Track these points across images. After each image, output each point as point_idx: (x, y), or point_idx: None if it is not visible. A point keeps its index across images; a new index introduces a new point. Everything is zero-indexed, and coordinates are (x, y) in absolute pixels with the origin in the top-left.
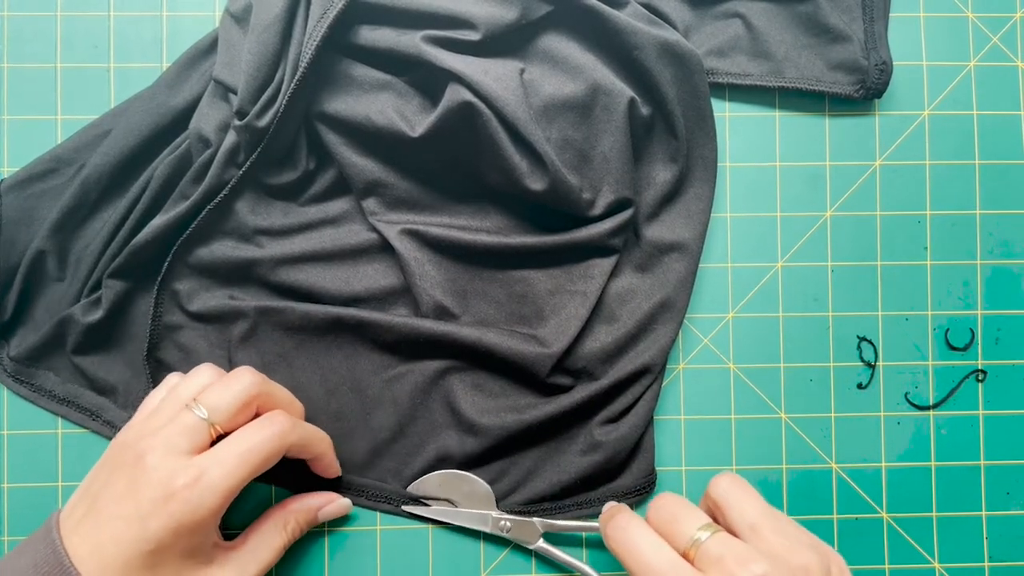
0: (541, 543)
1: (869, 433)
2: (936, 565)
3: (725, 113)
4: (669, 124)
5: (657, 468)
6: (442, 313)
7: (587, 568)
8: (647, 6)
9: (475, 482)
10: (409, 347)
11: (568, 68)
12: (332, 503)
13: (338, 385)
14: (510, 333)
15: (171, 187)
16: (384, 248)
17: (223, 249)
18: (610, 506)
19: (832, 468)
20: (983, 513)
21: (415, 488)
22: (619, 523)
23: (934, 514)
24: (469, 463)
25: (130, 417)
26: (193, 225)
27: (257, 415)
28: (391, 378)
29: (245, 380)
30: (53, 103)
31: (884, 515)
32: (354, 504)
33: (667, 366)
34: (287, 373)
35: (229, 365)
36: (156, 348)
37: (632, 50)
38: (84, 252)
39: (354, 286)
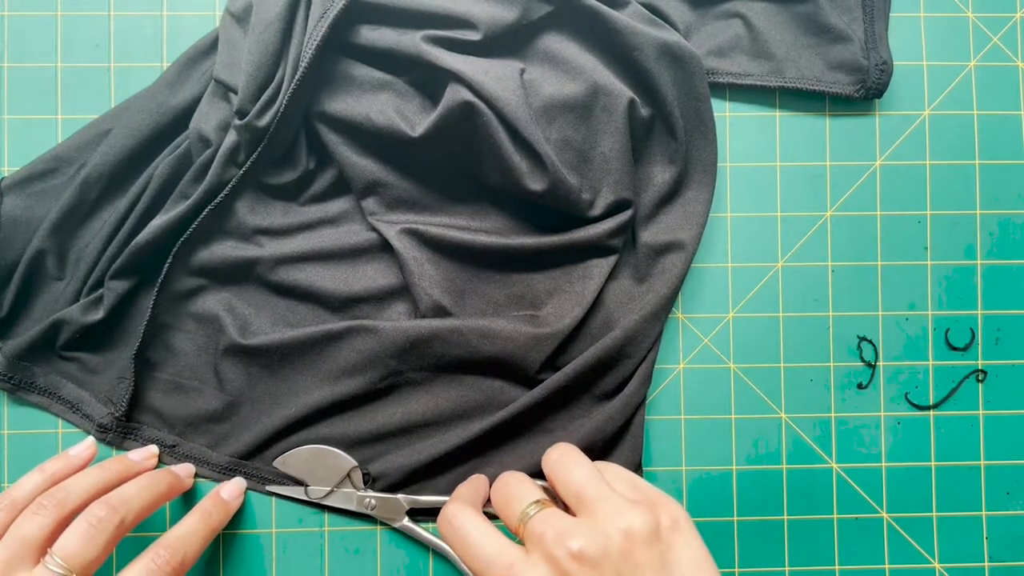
0: (406, 521)
1: (869, 433)
2: (936, 565)
3: (725, 113)
4: (668, 125)
5: (657, 468)
6: (440, 312)
7: (447, 546)
8: (647, 6)
9: (341, 457)
10: (397, 354)
11: (568, 69)
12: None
13: (322, 397)
14: (508, 317)
15: (171, 187)
16: (383, 248)
17: (223, 249)
18: (473, 478)
19: (832, 468)
20: (983, 513)
21: (282, 464)
22: (446, 515)
23: (934, 514)
24: (445, 462)
25: (108, 413)
26: (193, 226)
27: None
28: (376, 390)
29: (110, 524)
30: (53, 103)
31: (884, 515)
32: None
33: (667, 366)
34: (270, 383)
35: (215, 372)
36: (146, 348)
37: (632, 51)
38: (84, 251)
39: (353, 286)
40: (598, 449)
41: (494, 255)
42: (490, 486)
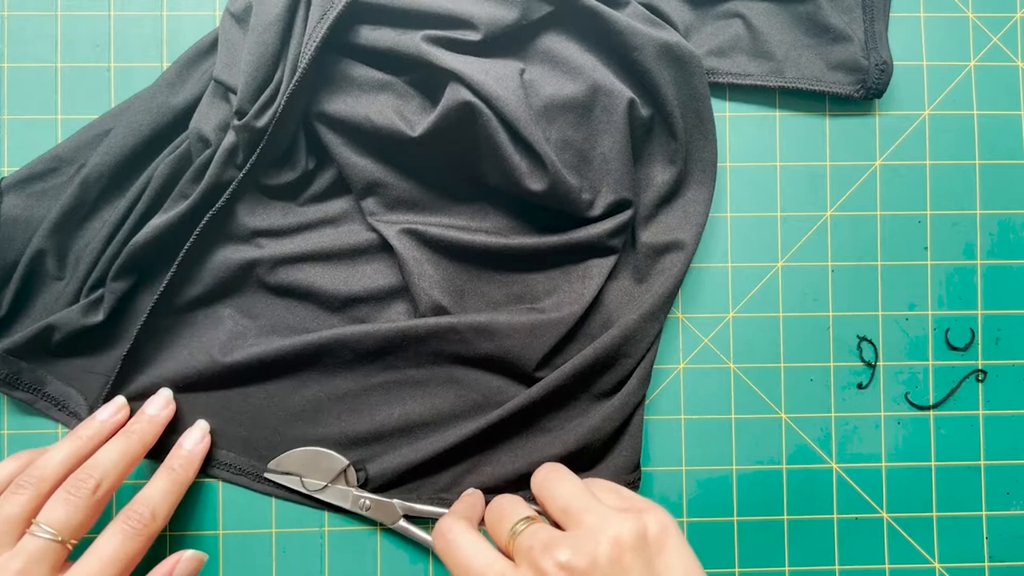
0: (402, 523)
1: (869, 433)
2: (936, 565)
3: (725, 113)
4: (668, 125)
5: (657, 468)
6: (440, 312)
7: None
8: (647, 6)
9: (335, 459)
10: (393, 352)
11: (568, 69)
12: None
13: (316, 393)
14: (506, 311)
15: (171, 187)
16: (383, 248)
17: (222, 251)
18: (468, 494)
19: (832, 468)
20: (983, 513)
21: (276, 466)
22: (440, 529)
23: (934, 514)
24: (443, 460)
25: (92, 411)
26: (196, 234)
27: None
28: (371, 387)
29: (87, 490)
30: (53, 103)
31: (884, 515)
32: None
33: (667, 366)
34: (262, 383)
35: (207, 374)
36: (139, 350)
37: (632, 51)
38: (84, 251)
39: (353, 286)
40: (596, 449)
41: (494, 255)
42: (486, 493)
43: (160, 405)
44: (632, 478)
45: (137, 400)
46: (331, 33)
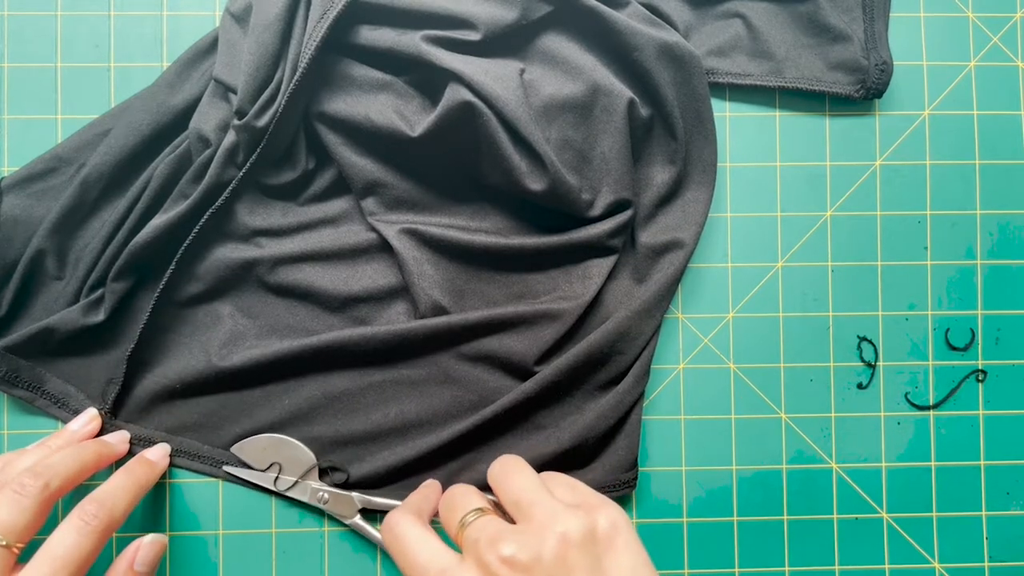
0: (358, 519)
1: (869, 433)
2: (936, 565)
3: (725, 113)
4: (668, 126)
5: (657, 468)
6: (439, 312)
7: None
8: (647, 6)
9: (299, 448)
10: (392, 354)
11: (568, 69)
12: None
13: (312, 392)
14: (509, 307)
15: (171, 186)
16: (383, 248)
17: (222, 250)
18: (425, 485)
19: (832, 468)
20: (983, 513)
21: (239, 450)
22: (388, 523)
23: (934, 514)
24: (438, 458)
25: (97, 409)
26: (195, 232)
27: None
28: (367, 386)
29: (34, 488)
30: (53, 102)
31: (884, 515)
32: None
33: (667, 366)
34: (258, 385)
35: (205, 374)
36: (140, 349)
37: (632, 51)
38: (83, 251)
39: (352, 286)
40: (591, 446)
41: (494, 255)
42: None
43: (118, 440)
44: (628, 476)
45: (140, 399)
46: (331, 33)
